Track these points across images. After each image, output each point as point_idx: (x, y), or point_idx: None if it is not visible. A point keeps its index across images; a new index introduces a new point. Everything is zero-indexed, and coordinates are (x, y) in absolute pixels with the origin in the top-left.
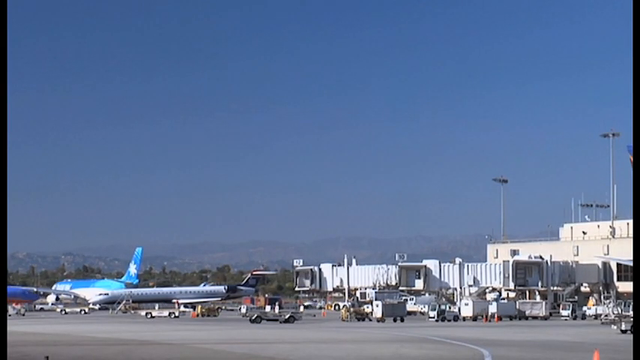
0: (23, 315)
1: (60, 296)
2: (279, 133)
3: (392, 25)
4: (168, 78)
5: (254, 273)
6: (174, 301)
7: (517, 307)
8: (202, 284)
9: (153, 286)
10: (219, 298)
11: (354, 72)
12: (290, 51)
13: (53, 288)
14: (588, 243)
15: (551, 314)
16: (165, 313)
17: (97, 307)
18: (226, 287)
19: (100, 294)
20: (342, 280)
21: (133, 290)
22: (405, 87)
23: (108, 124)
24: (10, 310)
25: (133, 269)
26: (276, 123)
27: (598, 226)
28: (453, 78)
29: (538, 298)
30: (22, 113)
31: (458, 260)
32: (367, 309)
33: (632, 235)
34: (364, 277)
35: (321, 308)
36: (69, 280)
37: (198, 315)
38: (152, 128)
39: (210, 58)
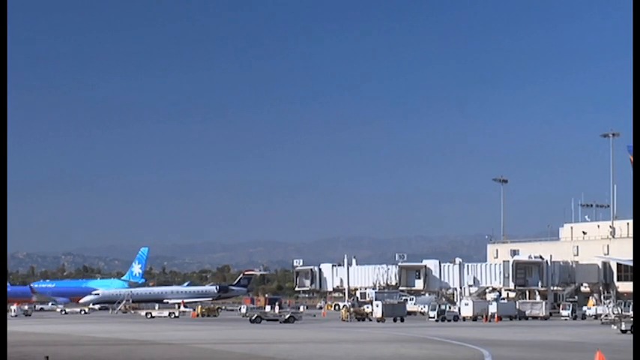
0: (29, 315)
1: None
2: (279, 133)
3: (391, 24)
4: (168, 78)
5: (245, 273)
6: (165, 300)
7: (517, 307)
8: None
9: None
10: (211, 298)
11: (353, 72)
12: (290, 51)
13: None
14: (588, 243)
15: (551, 314)
16: (165, 313)
17: (97, 307)
18: (218, 287)
19: (92, 294)
20: (342, 280)
21: (124, 290)
22: (404, 87)
23: (108, 123)
24: (17, 310)
25: (137, 269)
26: (275, 123)
27: (598, 226)
28: (453, 78)
29: (538, 298)
30: (22, 113)
31: (458, 260)
32: (367, 309)
33: (632, 235)
34: (364, 277)
35: (320, 308)
36: (48, 280)
37: (198, 315)
38: (152, 128)
39: (211, 59)
